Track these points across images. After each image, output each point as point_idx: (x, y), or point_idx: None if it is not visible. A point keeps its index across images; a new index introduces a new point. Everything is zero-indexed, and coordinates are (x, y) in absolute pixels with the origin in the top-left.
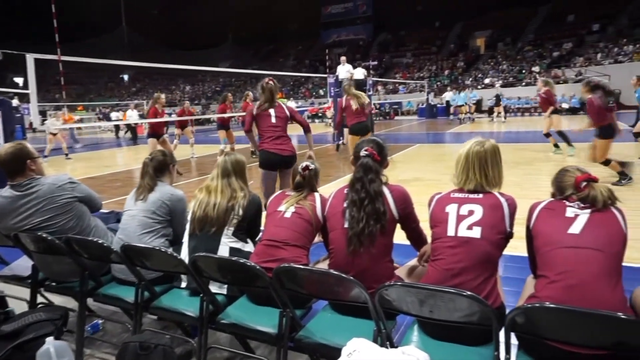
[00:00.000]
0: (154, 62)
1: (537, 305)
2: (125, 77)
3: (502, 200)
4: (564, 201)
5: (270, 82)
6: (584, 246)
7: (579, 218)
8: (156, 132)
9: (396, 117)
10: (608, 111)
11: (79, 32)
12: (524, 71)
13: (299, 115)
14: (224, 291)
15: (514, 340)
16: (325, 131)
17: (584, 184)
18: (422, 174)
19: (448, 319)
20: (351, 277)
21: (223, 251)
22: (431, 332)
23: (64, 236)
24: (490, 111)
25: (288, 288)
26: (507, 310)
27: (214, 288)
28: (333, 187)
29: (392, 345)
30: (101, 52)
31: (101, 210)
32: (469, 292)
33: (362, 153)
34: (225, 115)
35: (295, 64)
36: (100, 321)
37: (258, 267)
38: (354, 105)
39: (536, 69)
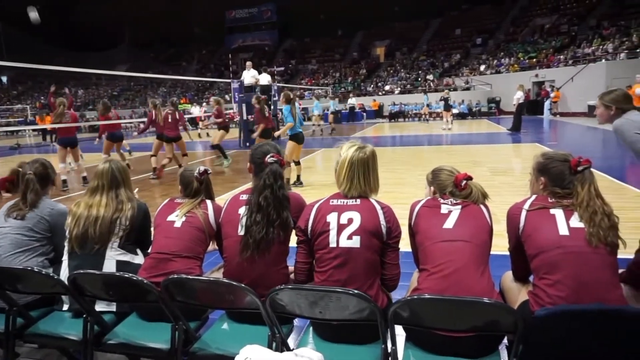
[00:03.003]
0: (39, 62)
1: (415, 297)
2: (4, 78)
3: (378, 207)
4: (439, 199)
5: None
6: (456, 239)
7: (452, 214)
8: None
9: (304, 123)
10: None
11: None
12: (419, 79)
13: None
14: (114, 308)
15: (402, 332)
16: (233, 137)
17: (464, 182)
18: (324, 177)
19: (338, 318)
20: (242, 285)
21: (109, 266)
22: (324, 334)
23: None
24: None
25: (179, 300)
26: None
27: (101, 306)
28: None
29: (288, 349)
30: None
31: None
32: (355, 291)
33: (270, 159)
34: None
35: (200, 69)
36: None
37: (145, 282)
38: None
39: (430, 77)
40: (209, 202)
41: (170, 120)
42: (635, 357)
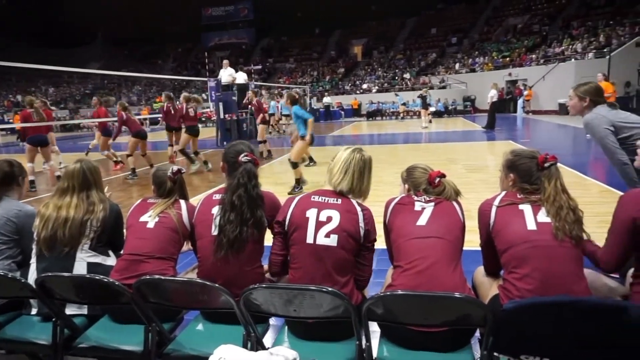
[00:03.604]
0: (8, 60)
1: (388, 293)
2: None
3: (359, 209)
4: (413, 196)
5: None
6: (429, 235)
7: (425, 211)
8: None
9: (281, 122)
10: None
11: None
12: (396, 77)
13: None
14: (85, 311)
15: (377, 329)
16: (210, 136)
17: (438, 179)
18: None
19: (313, 316)
20: (216, 285)
21: (80, 268)
22: (299, 332)
23: None
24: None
25: (152, 301)
26: None
27: (72, 309)
28: None
29: (264, 348)
30: None
31: None
32: (330, 288)
33: (244, 158)
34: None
35: (176, 67)
36: None
37: (117, 283)
38: None
39: (407, 75)
40: (182, 202)
41: (173, 112)
42: (598, 345)
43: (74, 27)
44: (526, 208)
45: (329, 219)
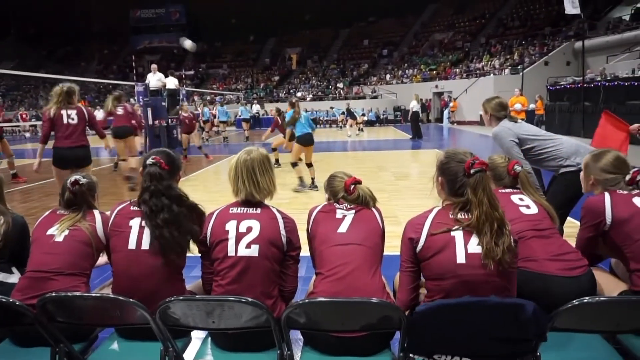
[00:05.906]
0: None
1: (307, 300)
2: None
3: (279, 217)
4: (335, 204)
5: None
6: (349, 242)
7: (346, 218)
8: None
9: (214, 128)
10: None
11: None
12: (330, 87)
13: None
14: None
15: (299, 336)
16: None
17: (352, 186)
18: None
19: (234, 327)
20: (130, 299)
21: None
22: (222, 343)
23: None
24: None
25: (60, 321)
26: None
27: None
28: None
29: None
30: None
31: None
32: (249, 299)
33: (149, 161)
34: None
35: (101, 69)
36: None
37: (18, 303)
38: None
39: (340, 85)
40: (96, 212)
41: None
42: (502, 340)
43: None
44: (457, 235)
45: (249, 229)
